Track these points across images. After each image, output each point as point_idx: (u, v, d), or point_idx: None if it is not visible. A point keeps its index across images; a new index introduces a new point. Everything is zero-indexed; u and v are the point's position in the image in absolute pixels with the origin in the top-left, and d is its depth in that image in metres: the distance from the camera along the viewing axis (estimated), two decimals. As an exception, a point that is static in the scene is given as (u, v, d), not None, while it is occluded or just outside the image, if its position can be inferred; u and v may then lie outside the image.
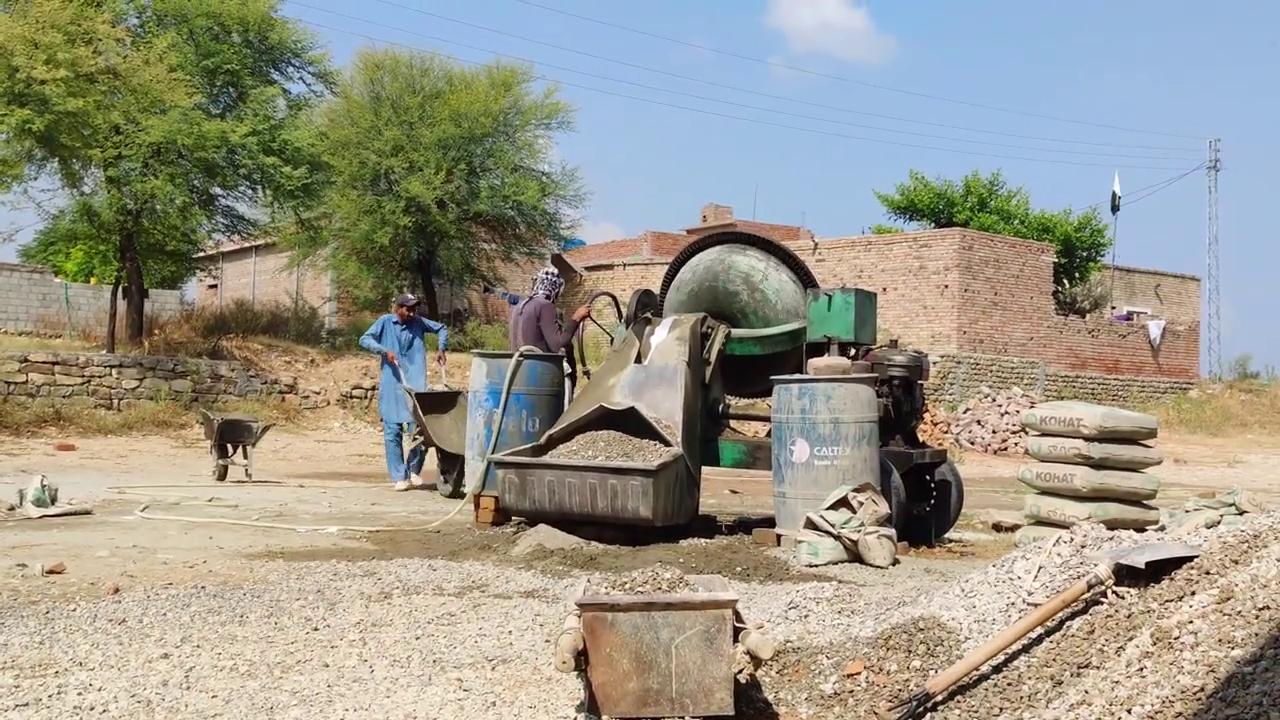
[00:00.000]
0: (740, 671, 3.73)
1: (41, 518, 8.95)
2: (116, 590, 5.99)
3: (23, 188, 21.95)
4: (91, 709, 3.82)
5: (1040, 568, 4.22)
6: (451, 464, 12.09)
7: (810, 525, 7.35)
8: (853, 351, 8.90)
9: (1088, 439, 8.28)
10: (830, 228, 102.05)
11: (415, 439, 12.97)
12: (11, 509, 9.18)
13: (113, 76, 20.10)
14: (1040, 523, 8.50)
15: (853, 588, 5.90)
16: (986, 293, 31.21)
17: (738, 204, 59.65)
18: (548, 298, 10.67)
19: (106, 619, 5.28)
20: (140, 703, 3.92)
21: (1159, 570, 3.86)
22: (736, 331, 9.24)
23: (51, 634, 4.94)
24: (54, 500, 9.33)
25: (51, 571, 6.48)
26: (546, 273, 11.01)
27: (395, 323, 13.70)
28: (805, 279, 9.55)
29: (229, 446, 13.22)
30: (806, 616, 4.98)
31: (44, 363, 18.96)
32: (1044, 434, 8.62)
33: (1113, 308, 39.92)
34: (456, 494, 11.59)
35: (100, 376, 19.32)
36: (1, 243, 33.28)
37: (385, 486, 13.01)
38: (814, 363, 8.30)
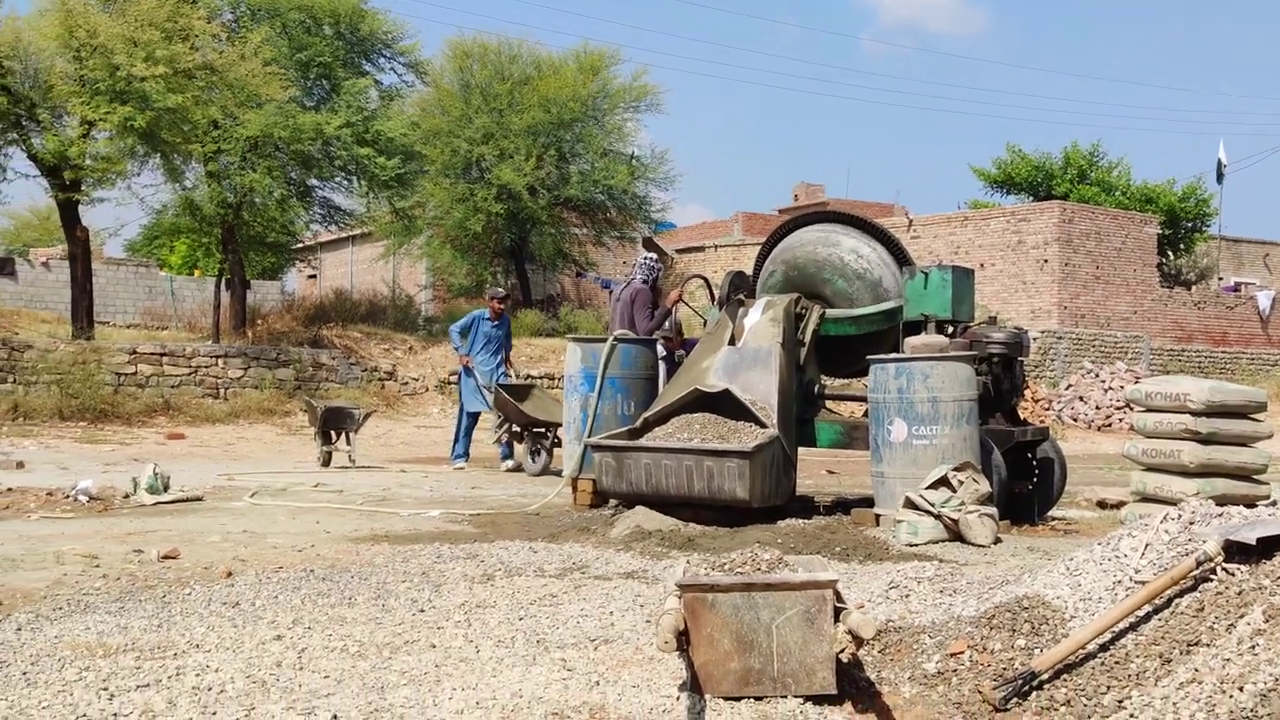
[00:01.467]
0: (842, 651, 3.73)
1: (155, 505, 9.22)
2: (229, 574, 6.16)
3: (127, 184, 22.57)
4: (209, 689, 3.93)
5: (1147, 545, 4.16)
6: (539, 441, 12.81)
7: (910, 505, 7.31)
8: (950, 329, 8.81)
9: (1195, 414, 8.10)
10: (925, 204, 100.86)
11: (499, 431, 13.48)
12: (126, 496, 9.47)
13: (210, 72, 20.53)
14: (1146, 499, 8.35)
15: (954, 567, 5.87)
16: (1088, 266, 30.64)
17: (830, 182, 59.31)
18: (645, 282, 10.76)
19: (220, 602, 5.42)
20: (256, 683, 4.03)
21: (1270, 546, 3.79)
22: (831, 312, 9.20)
23: (169, 617, 5.09)
24: (166, 487, 9.61)
25: (166, 557, 6.67)
26: (645, 258, 11.05)
27: (486, 319, 14.03)
28: (900, 257, 9.48)
29: (332, 433, 13.49)
30: (908, 596, 4.96)
31: (152, 354, 19.47)
32: (1149, 409, 8.45)
33: (1219, 279, 38.99)
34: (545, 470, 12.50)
35: (207, 367, 19.79)
36: (108, 238, 34.10)
37: (445, 467, 13.64)
38: (911, 341, 8.24)
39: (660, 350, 10.21)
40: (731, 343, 8.84)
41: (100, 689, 3.90)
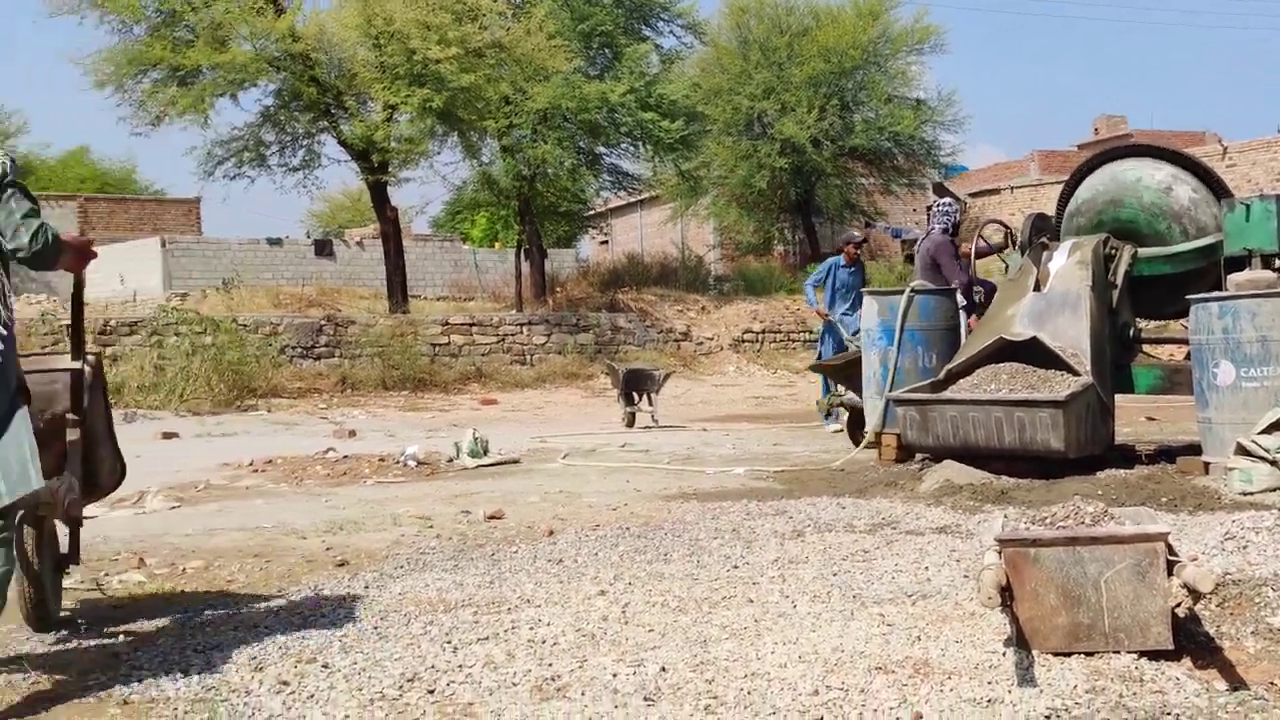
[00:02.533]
0: (1178, 605, 3.60)
1: (476, 468, 9.73)
2: (551, 533, 6.45)
3: (429, 163, 23.74)
4: (543, 642, 4.14)
5: None
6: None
7: (1242, 451, 6.90)
8: (1278, 263, 8.25)
9: None
10: (1239, 129, 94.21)
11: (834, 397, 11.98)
12: (450, 461, 10.02)
13: (499, 49, 21.27)
14: None
15: (1294, 516, 5.54)
16: None
17: (1133, 113, 56.24)
18: (944, 232, 10.38)
19: (545, 559, 5.69)
20: (585, 636, 4.21)
21: None
22: (1144, 251, 8.76)
23: (499, 574, 5.38)
24: (486, 451, 10.12)
25: (492, 517, 7.04)
26: (942, 203, 10.69)
27: (842, 265, 13.16)
28: (1217, 189, 8.92)
29: (634, 394, 13.84)
30: (1245, 547, 4.72)
31: (462, 325, 20.48)
32: None
33: None
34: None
35: (513, 335, 20.67)
36: (414, 216, 36.09)
37: (745, 426, 13.70)
38: (1234, 278, 7.76)
39: (959, 300, 9.97)
40: (1037, 288, 8.55)
41: (444, 642, 4.16)
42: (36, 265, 3.91)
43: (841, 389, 10.98)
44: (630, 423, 13.63)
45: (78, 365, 4.44)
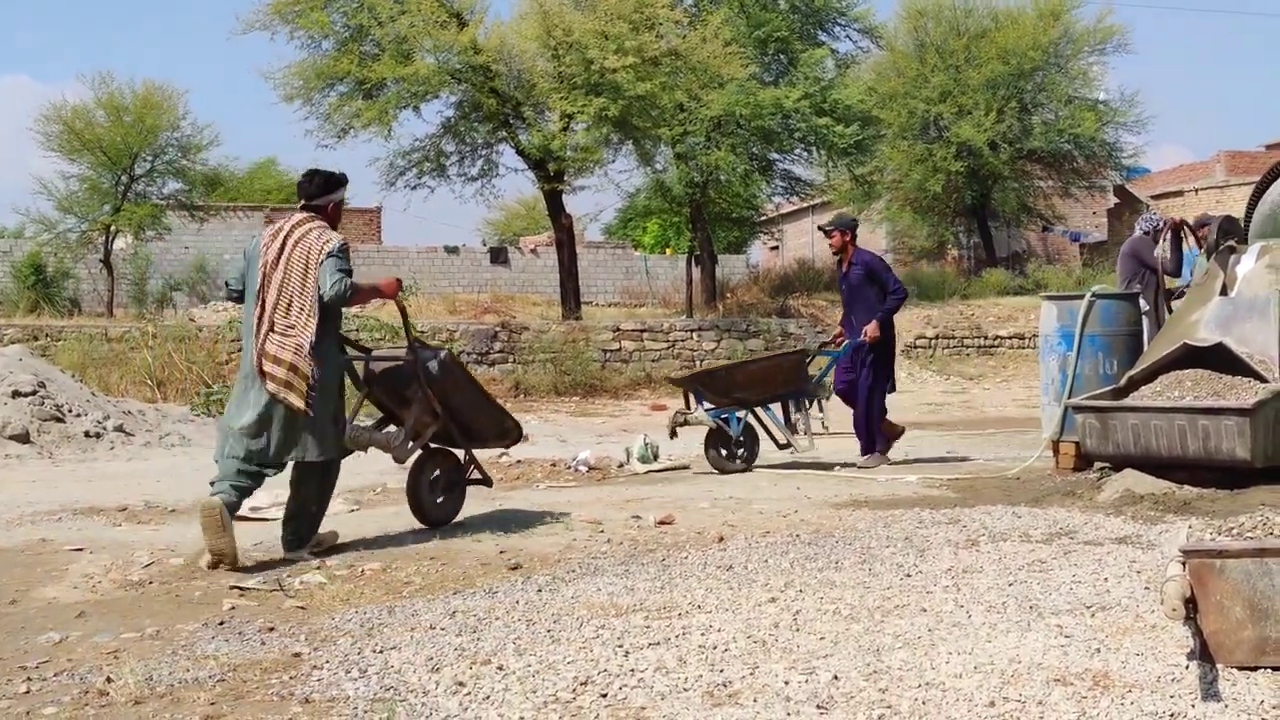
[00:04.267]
0: (1371, 622, 3.47)
1: (647, 473, 9.83)
2: (721, 539, 6.48)
3: (604, 171, 24.06)
4: (714, 648, 4.18)
5: None
6: None
7: None
8: None
9: None
10: None
11: None
12: (620, 465, 10.15)
13: (674, 57, 21.42)
14: None
15: None
16: None
17: (1326, 109, 53.56)
18: (1145, 234, 10.79)
19: (715, 565, 5.73)
20: (756, 643, 4.24)
21: None
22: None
23: (669, 579, 5.44)
24: (656, 456, 10.22)
25: (662, 522, 7.11)
26: (1150, 212, 11.08)
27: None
28: None
29: (806, 400, 13.74)
30: None
31: (633, 330, 20.69)
32: None
33: None
34: None
35: (682, 340, 20.79)
36: (588, 223, 36.64)
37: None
38: None
39: (1143, 304, 9.77)
40: (1223, 293, 8.26)
41: (616, 645, 4.24)
42: (342, 305, 6.24)
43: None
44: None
45: (410, 357, 6.71)
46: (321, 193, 6.46)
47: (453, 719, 3.56)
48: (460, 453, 7.12)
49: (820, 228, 10.99)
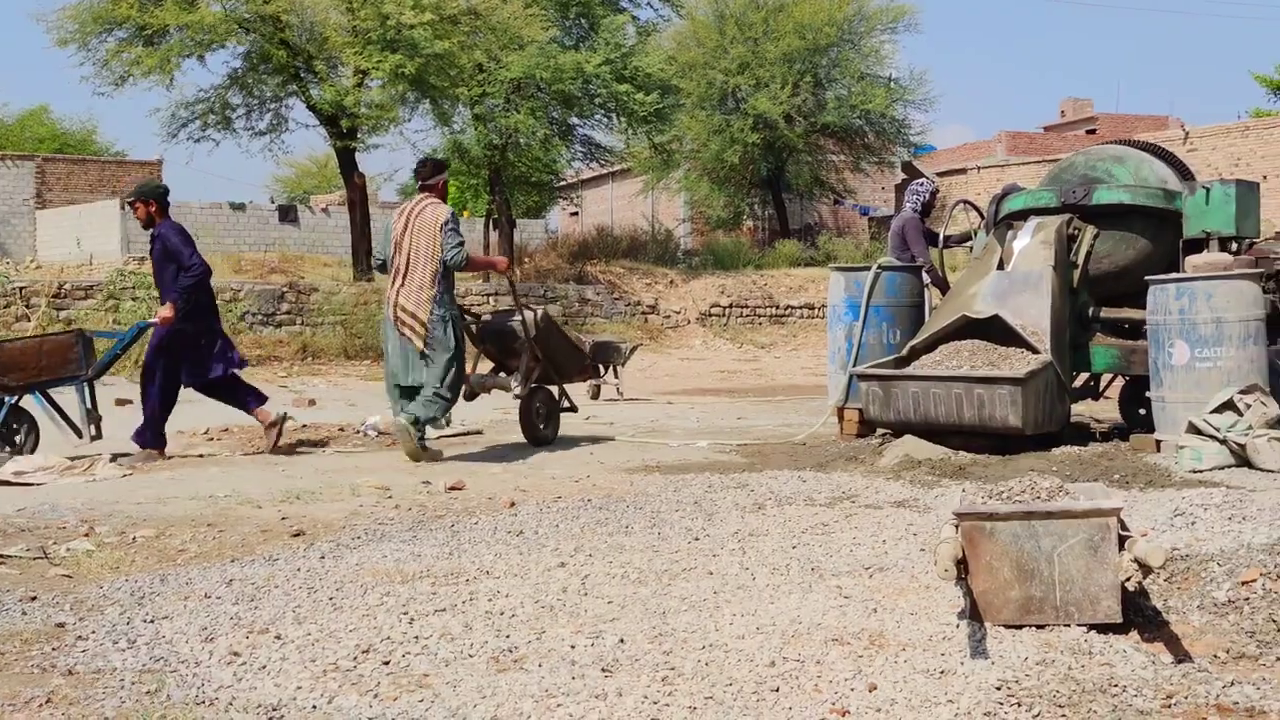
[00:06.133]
0: (1128, 580, 3.65)
1: (439, 438, 9.68)
2: (512, 504, 6.44)
3: (399, 130, 23.56)
4: (502, 613, 4.14)
5: None
6: None
7: (1193, 430, 6.99)
8: (1234, 246, 8.32)
9: None
10: (1201, 115, 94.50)
11: None
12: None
13: (473, 17, 21.09)
14: None
15: (1243, 493, 5.62)
16: (1389, 174, 28.28)
17: (1098, 95, 56.53)
18: (915, 211, 10.47)
19: (505, 530, 5.68)
20: (544, 608, 4.22)
21: None
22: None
23: (458, 545, 5.37)
24: (449, 422, 10.06)
25: (453, 488, 7.02)
26: (917, 183, 10.76)
27: None
28: (1180, 172, 8.99)
29: (600, 366, 13.82)
30: (1194, 523, 4.79)
31: (428, 294, 20.33)
32: None
33: None
34: None
35: (478, 305, 20.56)
36: (382, 183, 35.93)
37: (709, 399, 13.35)
38: (1192, 260, 7.84)
39: (924, 279, 10.02)
40: (1000, 267, 8.60)
41: (401, 613, 4.15)
42: (458, 270, 8.27)
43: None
44: (595, 394, 13.63)
45: (519, 319, 8.86)
46: (433, 174, 8.33)
47: (226, 689, 3.42)
48: (554, 388, 9.24)
49: (123, 199, 10.88)
